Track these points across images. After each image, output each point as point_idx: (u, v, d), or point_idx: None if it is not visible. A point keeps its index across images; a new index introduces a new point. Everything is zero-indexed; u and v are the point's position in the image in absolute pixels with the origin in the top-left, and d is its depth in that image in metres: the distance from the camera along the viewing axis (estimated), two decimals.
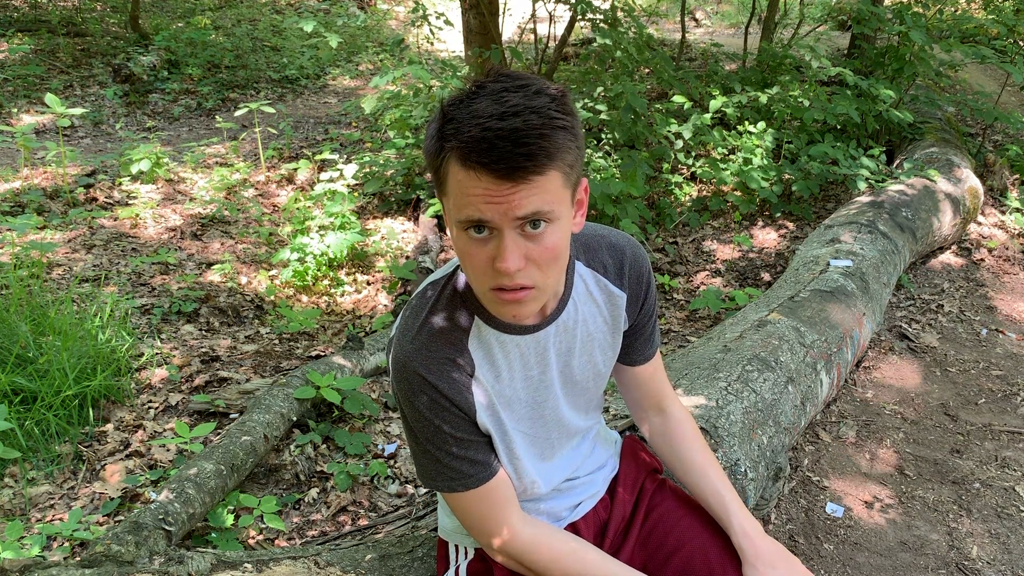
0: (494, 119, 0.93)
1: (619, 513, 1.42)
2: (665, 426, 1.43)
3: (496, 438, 1.21)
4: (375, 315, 3.64)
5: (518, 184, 0.95)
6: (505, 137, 0.92)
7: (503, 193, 0.95)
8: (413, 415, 1.15)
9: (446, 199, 1.02)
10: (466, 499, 1.20)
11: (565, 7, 5.58)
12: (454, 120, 0.96)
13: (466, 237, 1.01)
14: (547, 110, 0.95)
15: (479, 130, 0.93)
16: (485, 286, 1.04)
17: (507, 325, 1.17)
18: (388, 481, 2.41)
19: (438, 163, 1.00)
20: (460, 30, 6.21)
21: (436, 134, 1.00)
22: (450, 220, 1.03)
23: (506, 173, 0.94)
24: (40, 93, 6.55)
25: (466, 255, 1.02)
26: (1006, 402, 2.98)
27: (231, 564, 1.41)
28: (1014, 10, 6.00)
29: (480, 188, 0.95)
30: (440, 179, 1.01)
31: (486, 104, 0.95)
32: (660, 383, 1.43)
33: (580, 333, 1.25)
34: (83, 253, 3.77)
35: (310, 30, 4.38)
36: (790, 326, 2.62)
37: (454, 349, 1.15)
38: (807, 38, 6.46)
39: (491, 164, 0.93)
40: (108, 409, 2.60)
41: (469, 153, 0.94)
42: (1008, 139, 5.65)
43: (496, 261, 0.99)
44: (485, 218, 0.97)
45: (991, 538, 2.28)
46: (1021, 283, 3.97)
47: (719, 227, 4.60)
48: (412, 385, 1.13)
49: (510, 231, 0.98)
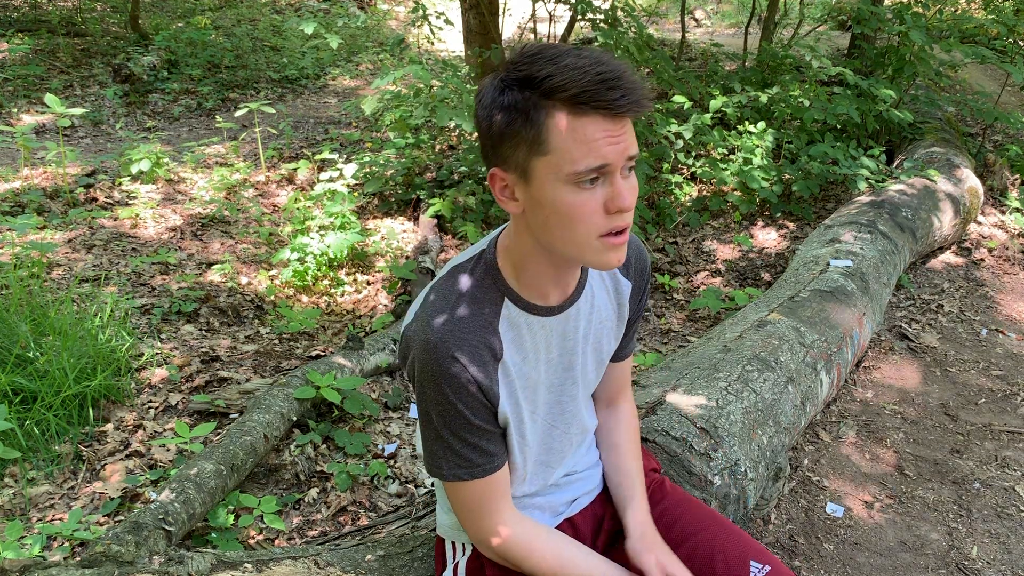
0: (597, 64, 0.99)
1: (615, 510, 1.42)
2: (607, 417, 1.48)
3: (512, 427, 1.21)
4: (375, 315, 3.64)
5: (626, 122, 1.02)
6: (619, 77, 0.99)
7: (618, 133, 1.01)
8: (436, 398, 1.14)
9: (546, 158, 1.02)
10: (467, 489, 1.20)
11: (565, 7, 5.58)
12: (551, 76, 0.99)
13: (575, 190, 1.03)
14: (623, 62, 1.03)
15: (594, 74, 0.98)
16: (593, 235, 1.05)
17: (535, 306, 1.18)
18: (388, 481, 2.41)
19: (538, 122, 1.01)
20: (460, 30, 6.21)
21: (528, 95, 1.01)
22: (551, 178, 1.03)
23: (627, 109, 0.99)
24: (40, 93, 6.55)
25: (574, 207, 1.03)
26: (1006, 402, 2.98)
27: (231, 564, 1.41)
28: (1014, 10, 6.00)
29: (600, 131, 1.00)
30: (539, 139, 1.02)
31: (574, 59, 1.00)
32: (624, 381, 1.48)
33: (596, 318, 1.28)
34: (83, 253, 3.77)
35: (310, 31, 4.38)
36: (790, 326, 2.62)
37: (486, 332, 1.15)
38: (807, 38, 6.46)
39: (617, 100, 0.98)
40: (108, 409, 2.60)
41: (594, 96, 0.98)
42: (1008, 139, 5.65)
43: (614, 201, 1.03)
44: (608, 160, 1.01)
45: (991, 538, 2.28)
46: (1021, 283, 3.97)
47: (719, 227, 4.60)
48: (442, 367, 1.11)
49: (620, 173, 1.03)
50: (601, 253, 1.07)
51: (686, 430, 1.94)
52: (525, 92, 1.01)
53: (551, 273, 1.16)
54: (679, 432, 1.93)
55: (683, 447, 1.90)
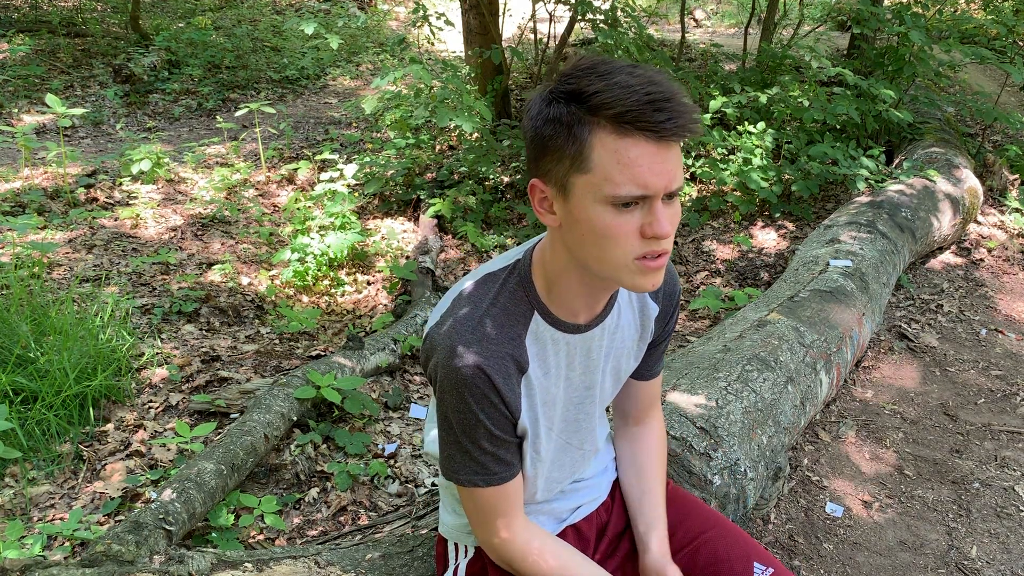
0: (648, 84, 0.96)
1: (619, 516, 1.43)
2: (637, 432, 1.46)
3: (529, 439, 1.21)
4: (375, 315, 3.64)
5: (670, 150, 0.98)
6: (668, 99, 0.95)
7: (664, 161, 0.98)
8: (458, 405, 1.13)
9: (586, 176, 1.00)
10: (482, 495, 1.20)
11: (565, 7, 5.58)
12: (599, 93, 0.97)
13: (612, 212, 1.00)
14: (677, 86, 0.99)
15: (642, 94, 0.95)
16: (629, 257, 1.03)
17: (563, 323, 1.17)
18: (388, 481, 2.42)
19: (581, 139, 0.99)
20: (460, 30, 6.21)
21: (574, 110, 0.99)
22: (589, 197, 1.01)
23: (674, 133, 0.96)
24: (41, 93, 6.56)
25: (612, 228, 1.01)
26: (1006, 402, 2.98)
27: (231, 564, 1.41)
28: (1014, 10, 6.00)
29: (645, 155, 0.97)
30: (582, 156, 1.00)
31: (626, 77, 0.97)
32: (654, 398, 1.46)
33: (618, 339, 1.26)
34: (84, 253, 3.78)
35: (311, 32, 4.38)
36: (790, 326, 2.62)
37: (513, 344, 1.14)
38: (807, 38, 6.46)
39: (663, 123, 0.95)
40: (109, 409, 2.60)
41: (638, 117, 0.95)
42: (1008, 139, 5.66)
43: (651, 227, 1.00)
44: (648, 191, 0.98)
45: (990, 538, 2.28)
46: (1020, 283, 3.98)
47: (719, 227, 4.60)
48: (467, 376, 1.10)
49: (659, 200, 1.00)
50: (636, 275, 1.05)
51: (686, 430, 1.94)
52: (571, 106, 0.99)
53: (583, 291, 1.14)
54: (679, 432, 1.93)
55: (683, 447, 1.90)
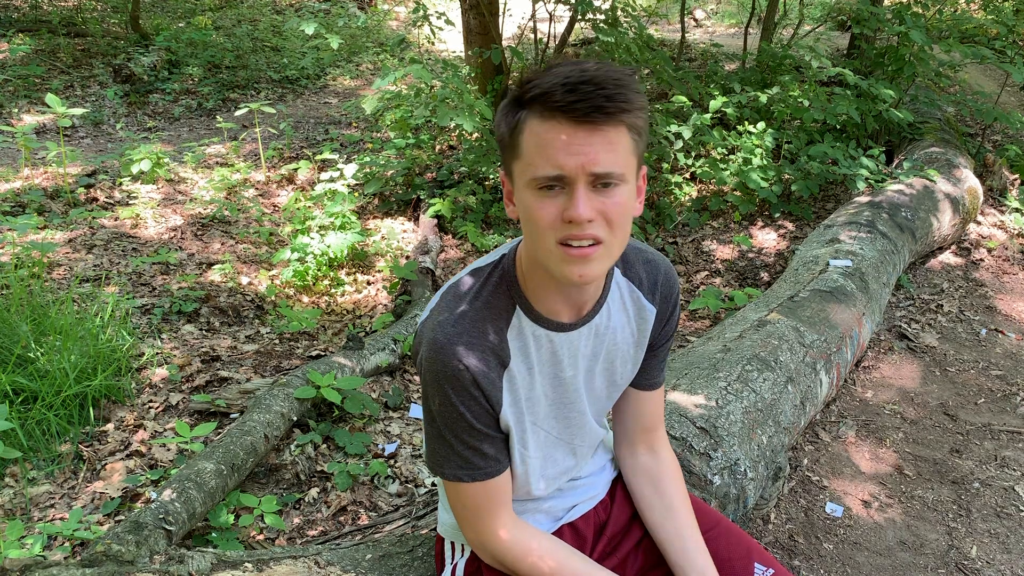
0: (576, 71, 0.99)
1: (619, 516, 1.43)
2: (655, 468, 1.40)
3: (514, 434, 1.21)
4: (375, 315, 3.64)
5: (594, 132, 0.99)
6: (587, 81, 0.97)
7: (581, 142, 0.98)
8: (439, 399, 1.15)
9: (519, 162, 1.04)
10: (467, 491, 1.20)
11: (565, 7, 5.58)
12: (533, 81, 1.01)
13: (536, 195, 1.03)
14: (623, 73, 1.01)
15: (562, 79, 0.98)
16: (552, 241, 1.03)
17: (545, 320, 1.18)
18: (388, 481, 2.42)
19: (514, 124, 1.03)
20: (460, 30, 6.21)
21: (512, 102, 1.05)
22: (521, 182, 1.05)
23: (586, 114, 0.97)
24: (41, 93, 6.56)
25: (534, 211, 1.03)
26: (1006, 402, 2.98)
27: (231, 564, 1.41)
28: (1014, 10, 6.00)
29: (560, 138, 0.98)
30: (514, 142, 1.04)
31: (567, 67, 1.01)
32: (656, 418, 1.41)
33: (608, 341, 1.26)
34: (84, 253, 3.78)
35: (311, 32, 4.38)
36: (790, 326, 2.62)
37: (494, 338, 1.15)
38: (807, 38, 6.46)
39: (574, 103, 0.97)
40: (109, 409, 2.60)
41: (551, 97, 0.98)
42: (1008, 139, 5.65)
43: (567, 211, 1.01)
44: (563, 171, 0.99)
45: (990, 538, 2.28)
46: (1020, 283, 3.98)
47: (719, 227, 4.60)
48: (447, 369, 1.12)
49: (582, 184, 1.00)
50: (560, 262, 1.04)
51: (686, 429, 1.94)
52: (514, 99, 1.04)
53: (553, 286, 1.14)
54: (679, 432, 1.93)
55: (683, 446, 1.90)
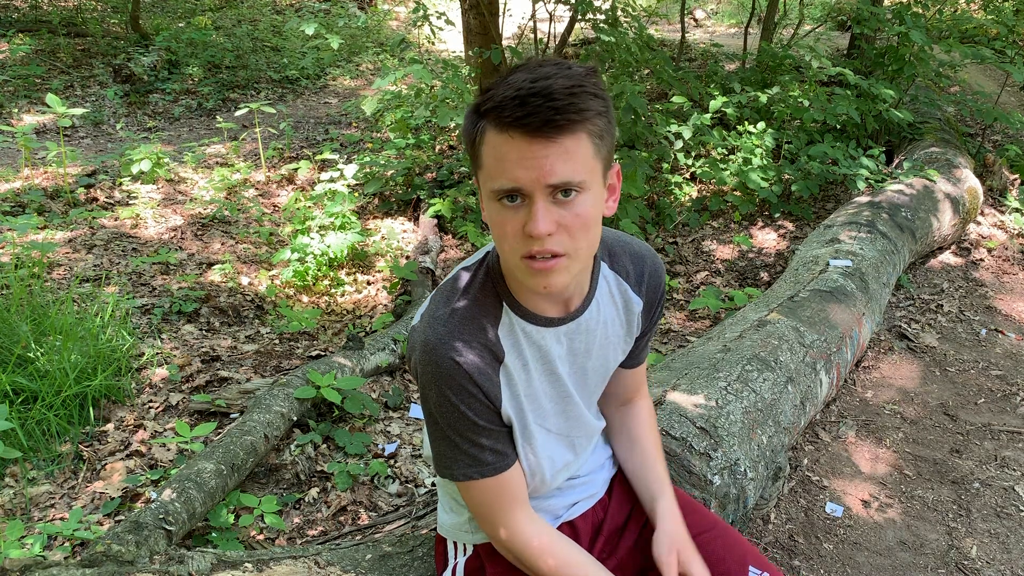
0: (527, 82, 0.98)
1: (617, 514, 1.43)
2: (624, 414, 1.47)
3: (517, 430, 1.21)
4: (375, 315, 3.64)
5: (549, 145, 0.98)
6: (536, 94, 0.96)
7: (536, 155, 0.98)
8: (438, 400, 1.14)
9: (481, 172, 1.05)
10: (479, 488, 1.20)
11: (565, 7, 5.58)
12: (490, 90, 1.01)
13: (499, 207, 1.03)
14: (578, 76, 0.99)
15: (513, 91, 0.97)
16: (517, 255, 1.05)
17: (535, 316, 1.18)
18: (388, 481, 2.42)
19: (474, 136, 1.03)
20: (460, 30, 6.21)
21: (473, 110, 1.04)
22: (484, 192, 1.05)
23: (537, 128, 0.97)
24: (41, 93, 6.56)
25: (498, 225, 1.04)
26: (1006, 402, 2.98)
27: (231, 564, 1.41)
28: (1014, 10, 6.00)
29: (514, 151, 0.98)
30: (476, 153, 1.04)
31: (522, 74, 1.00)
32: (640, 383, 1.47)
33: (600, 334, 1.26)
34: (84, 253, 3.78)
35: (311, 32, 4.39)
36: (790, 326, 2.62)
37: (485, 335, 1.15)
38: (807, 38, 6.46)
39: (523, 118, 0.97)
40: (109, 409, 2.60)
41: (502, 112, 0.98)
42: (1008, 139, 5.65)
43: (527, 226, 1.01)
44: (519, 184, 0.99)
45: (990, 538, 2.28)
46: (1021, 283, 3.98)
47: (719, 227, 4.60)
48: (441, 369, 1.12)
49: (541, 197, 1.00)
50: (526, 275, 1.06)
51: (686, 429, 1.94)
52: (474, 107, 1.04)
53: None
54: (679, 431, 1.93)
55: (683, 446, 1.90)
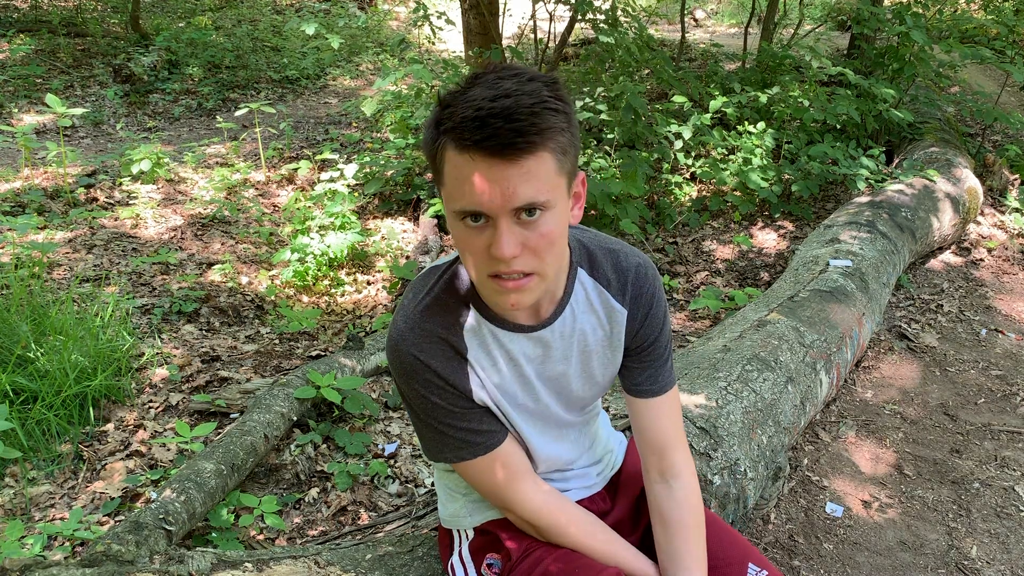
0: (487, 100, 0.94)
1: (620, 509, 1.42)
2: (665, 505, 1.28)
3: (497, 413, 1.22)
4: (375, 315, 3.64)
5: (510, 167, 0.95)
6: (497, 115, 0.93)
7: (497, 179, 0.96)
8: (409, 392, 1.18)
9: (443, 189, 1.03)
10: (476, 466, 1.21)
11: (565, 7, 5.58)
12: (450, 107, 0.98)
13: (463, 226, 1.02)
14: (539, 92, 0.96)
15: (472, 111, 0.94)
16: (483, 273, 1.04)
17: (503, 321, 1.17)
18: (388, 481, 2.42)
19: (435, 152, 1.01)
20: (460, 30, 6.21)
21: (433, 124, 1.01)
22: (447, 210, 1.04)
23: (498, 151, 0.94)
24: (41, 93, 6.56)
25: (463, 243, 1.03)
26: (1006, 402, 2.98)
27: (231, 564, 1.41)
28: (1014, 10, 6.00)
29: (476, 173, 0.96)
30: (437, 169, 1.02)
31: (481, 90, 0.96)
32: (664, 436, 1.28)
33: (578, 342, 1.23)
34: (84, 253, 3.78)
35: (312, 32, 4.39)
36: (790, 326, 2.62)
37: (448, 331, 1.16)
38: (807, 38, 6.46)
39: (483, 141, 0.94)
40: (109, 409, 2.60)
41: (462, 133, 0.95)
42: (1008, 139, 5.65)
43: (492, 248, 1.00)
44: (482, 208, 0.98)
45: (991, 538, 2.28)
46: (1021, 283, 3.98)
47: (719, 227, 4.60)
48: (405, 364, 1.15)
49: (505, 220, 0.98)
50: (493, 293, 1.06)
51: (686, 430, 1.94)
52: (434, 122, 1.01)
53: None
54: None
55: None
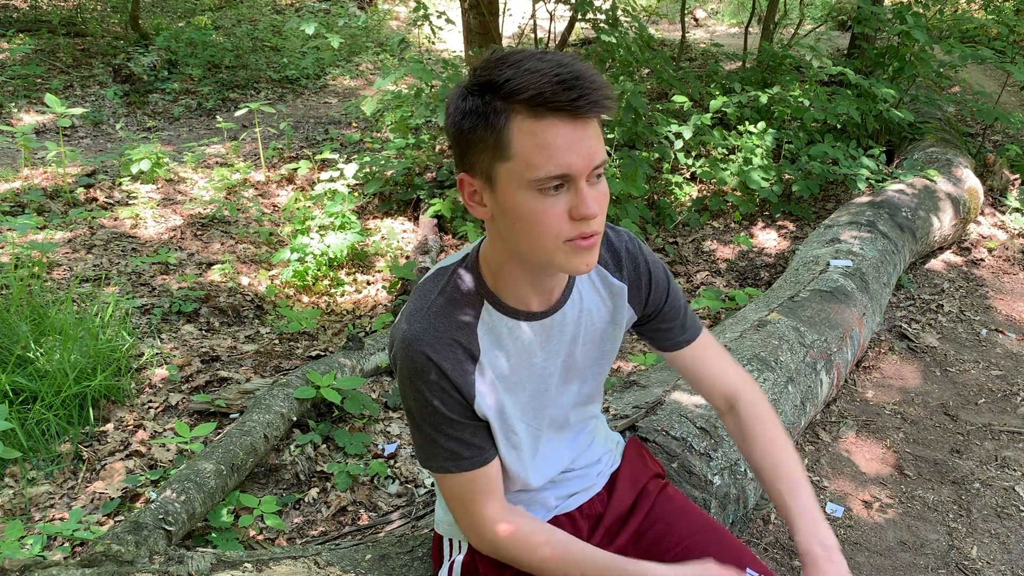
0: (557, 67, 0.96)
1: (616, 509, 1.42)
2: (737, 424, 1.38)
3: (496, 425, 1.21)
4: (375, 315, 3.64)
5: (588, 127, 0.99)
6: (579, 76, 0.96)
7: (580, 139, 0.98)
8: (412, 394, 1.16)
9: (508, 163, 1.01)
10: (456, 481, 1.21)
11: (565, 7, 5.58)
12: (511, 80, 0.97)
13: (540, 197, 1.01)
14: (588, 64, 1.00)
15: (551, 76, 0.96)
16: (560, 240, 1.03)
17: (516, 311, 1.18)
18: (388, 481, 2.42)
19: (498, 126, 0.99)
20: (460, 30, 6.21)
21: (488, 100, 1.00)
22: (513, 184, 1.02)
23: (587, 110, 0.97)
24: (40, 93, 6.56)
25: (537, 214, 1.02)
26: (1006, 402, 2.98)
27: (231, 564, 1.41)
28: (1014, 10, 6.00)
29: (562, 135, 0.98)
30: (501, 144, 1.00)
31: (535, 62, 0.98)
32: (712, 368, 1.38)
33: (585, 322, 1.26)
34: (83, 253, 3.78)
35: (312, 32, 4.39)
36: (790, 326, 2.62)
37: (461, 332, 1.15)
38: (807, 38, 6.46)
39: (576, 101, 0.96)
40: (108, 409, 2.60)
41: (549, 97, 0.96)
42: (1008, 139, 5.65)
43: (578, 208, 1.01)
44: (570, 171, 0.99)
45: (991, 538, 2.28)
46: (1021, 283, 3.97)
47: (719, 227, 4.60)
48: (415, 364, 1.13)
49: (584, 180, 1.01)
50: (570, 257, 1.05)
51: (686, 430, 1.94)
52: (486, 97, 1.00)
53: (528, 278, 1.15)
54: (679, 432, 1.93)
55: (683, 447, 1.90)
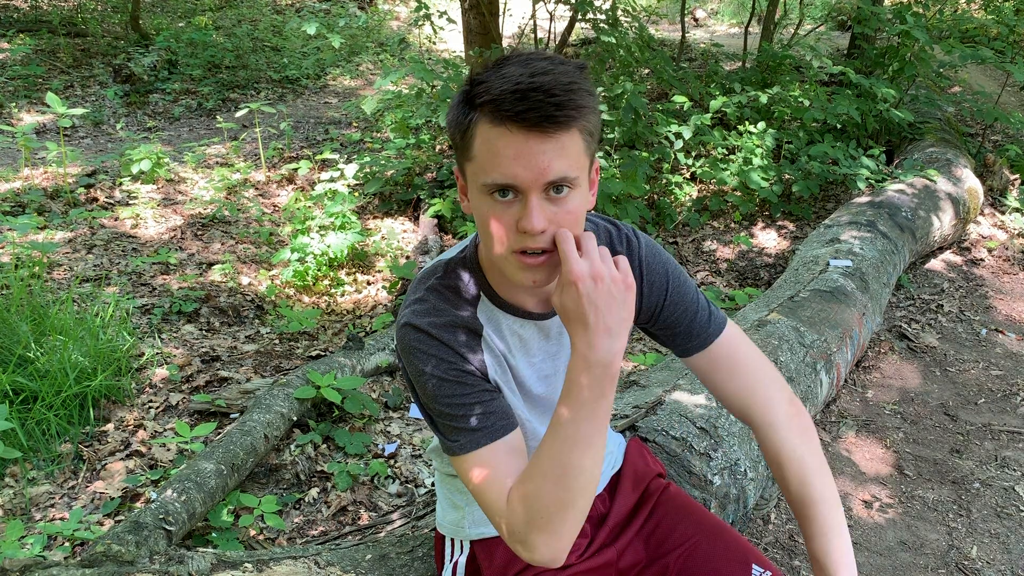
0: (525, 76, 0.97)
1: (620, 508, 1.42)
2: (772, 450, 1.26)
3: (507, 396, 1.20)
4: (375, 315, 3.64)
5: (546, 141, 0.97)
6: (536, 89, 0.95)
7: (532, 152, 0.97)
8: (424, 376, 1.12)
9: (471, 164, 1.03)
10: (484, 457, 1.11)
11: (565, 7, 5.58)
12: (484, 83, 0.99)
13: (490, 201, 1.02)
14: (573, 73, 0.99)
15: (511, 85, 0.96)
16: (507, 250, 1.04)
17: (514, 308, 1.18)
18: (388, 481, 2.42)
19: (465, 126, 1.02)
20: (460, 30, 6.21)
21: (464, 99, 1.02)
22: (473, 185, 1.04)
23: (536, 123, 0.96)
24: (41, 93, 6.56)
25: (488, 218, 1.03)
26: (1006, 402, 2.98)
27: (231, 564, 1.41)
28: (1014, 10, 6.00)
29: (511, 146, 0.97)
30: (466, 144, 1.03)
31: (515, 68, 0.98)
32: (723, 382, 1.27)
33: None
34: (84, 253, 3.78)
35: (312, 32, 4.39)
36: (790, 326, 2.62)
37: (463, 313, 1.16)
38: (807, 38, 6.46)
39: (524, 113, 0.96)
40: (109, 409, 2.60)
41: (500, 106, 0.96)
42: (1008, 139, 5.65)
43: (521, 222, 1.00)
44: (516, 181, 0.99)
45: (991, 538, 2.28)
46: (1021, 283, 3.97)
47: (719, 227, 4.60)
48: (420, 345, 1.12)
49: (536, 194, 1.00)
50: (516, 269, 1.05)
51: (686, 430, 1.94)
52: (463, 97, 1.03)
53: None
54: (679, 432, 1.93)
55: (683, 447, 1.90)
